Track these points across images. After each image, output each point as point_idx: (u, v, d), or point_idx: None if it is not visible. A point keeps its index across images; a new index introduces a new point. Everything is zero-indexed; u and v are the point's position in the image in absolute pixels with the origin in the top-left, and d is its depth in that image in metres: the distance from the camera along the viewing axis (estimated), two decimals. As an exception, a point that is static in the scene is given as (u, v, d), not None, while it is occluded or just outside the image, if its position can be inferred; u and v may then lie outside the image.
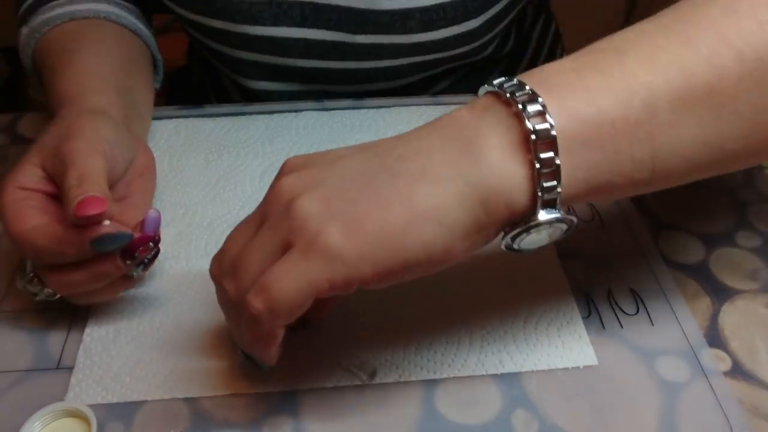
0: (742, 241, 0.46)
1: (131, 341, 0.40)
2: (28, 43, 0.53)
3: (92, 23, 0.53)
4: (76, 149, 0.39)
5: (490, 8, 0.56)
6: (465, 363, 0.39)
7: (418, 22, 0.54)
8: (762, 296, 0.43)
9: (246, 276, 0.31)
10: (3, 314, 0.42)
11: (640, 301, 0.42)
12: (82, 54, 0.49)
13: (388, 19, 0.54)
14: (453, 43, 0.57)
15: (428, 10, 0.53)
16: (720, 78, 0.30)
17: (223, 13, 0.55)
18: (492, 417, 0.36)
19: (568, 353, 0.39)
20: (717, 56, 0.30)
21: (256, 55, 0.59)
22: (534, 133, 0.29)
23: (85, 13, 0.53)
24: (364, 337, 0.40)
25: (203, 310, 0.42)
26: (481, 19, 0.56)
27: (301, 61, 0.59)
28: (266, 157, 0.53)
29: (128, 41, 0.54)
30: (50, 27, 0.52)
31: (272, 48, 0.58)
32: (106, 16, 0.53)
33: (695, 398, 0.37)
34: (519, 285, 0.43)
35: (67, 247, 0.37)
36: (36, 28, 0.52)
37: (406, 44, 0.56)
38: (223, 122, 0.56)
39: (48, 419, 0.35)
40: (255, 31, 0.56)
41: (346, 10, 0.54)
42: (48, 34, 0.52)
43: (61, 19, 0.52)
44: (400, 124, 0.56)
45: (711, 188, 0.49)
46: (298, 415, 0.36)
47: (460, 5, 0.54)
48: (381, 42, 0.56)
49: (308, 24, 0.55)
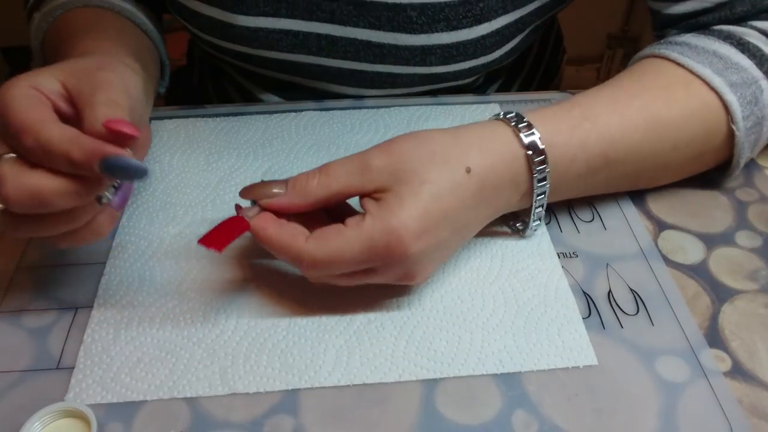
0: (742, 241, 0.46)
1: (131, 341, 0.40)
2: (39, 26, 0.53)
3: (109, 13, 0.53)
4: (108, 80, 0.37)
5: (508, 42, 0.57)
6: (465, 363, 0.39)
7: (438, 57, 0.55)
8: (762, 296, 0.43)
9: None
10: (3, 314, 0.42)
11: (640, 301, 0.42)
12: (106, 33, 0.49)
13: (409, 54, 0.55)
14: (469, 72, 0.58)
15: (449, 47, 0.54)
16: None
17: (240, 39, 0.55)
18: (492, 417, 0.36)
19: (568, 353, 0.39)
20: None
21: (271, 72, 0.60)
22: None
23: (100, 2, 0.53)
24: (364, 336, 0.40)
25: (203, 310, 0.42)
26: (499, 53, 0.58)
27: (314, 82, 0.61)
28: (267, 157, 0.53)
29: (139, 37, 0.54)
30: (65, 10, 0.52)
31: (288, 68, 0.59)
32: (120, 11, 0.54)
33: (695, 398, 0.37)
34: (519, 285, 0.43)
35: (75, 150, 0.33)
36: (49, 12, 0.53)
37: (424, 74, 0.57)
38: (223, 122, 0.56)
39: (48, 419, 0.35)
40: (271, 55, 0.57)
41: (365, 43, 0.55)
42: (65, 15, 0.52)
43: (76, 4, 0.53)
44: (400, 124, 0.56)
45: (711, 188, 0.49)
46: (298, 415, 0.36)
47: (479, 42, 0.55)
48: (399, 72, 0.57)
49: (324, 54, 0.56)
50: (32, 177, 0.34)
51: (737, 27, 0.48)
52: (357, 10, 0.53)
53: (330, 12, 0.53)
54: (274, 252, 0.38)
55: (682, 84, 0.45)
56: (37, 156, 0.34)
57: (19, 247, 0.46)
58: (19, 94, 0.36)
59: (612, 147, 0.43)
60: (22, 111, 0.35)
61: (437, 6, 0.51)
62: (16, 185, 0.34)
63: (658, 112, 0.44)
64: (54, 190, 0.34)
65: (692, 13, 0.50)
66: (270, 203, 0.39)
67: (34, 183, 0.34)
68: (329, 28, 0.54)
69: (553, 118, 0.43)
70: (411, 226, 0.36)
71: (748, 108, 0.45)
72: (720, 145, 0.46)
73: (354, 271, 0.38)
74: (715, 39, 0.47)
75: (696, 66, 0.45)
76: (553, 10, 0.59)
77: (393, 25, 0.53)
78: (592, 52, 1.83)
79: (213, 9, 0.54)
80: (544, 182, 0.41)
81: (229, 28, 0.54)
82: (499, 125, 0.42)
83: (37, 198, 0.34)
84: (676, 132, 0.45)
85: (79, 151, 0.33)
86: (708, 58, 0.46)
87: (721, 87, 0.45)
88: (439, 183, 0.38)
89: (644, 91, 0.45)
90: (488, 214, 0.42)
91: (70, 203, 0.35)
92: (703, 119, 0.45)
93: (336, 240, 0.36)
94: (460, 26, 0.53)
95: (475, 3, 0.52)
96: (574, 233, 0.47)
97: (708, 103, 0.45)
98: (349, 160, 0.39)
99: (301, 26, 0.54)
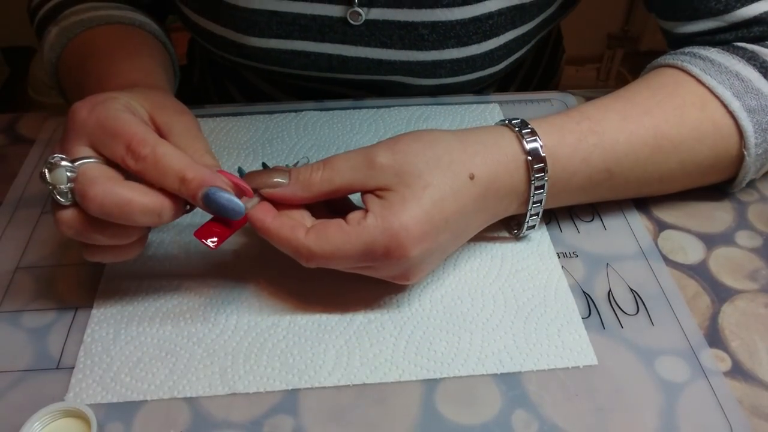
0: (742, 241, 0.46)
1: (131, 341, 0.40)
2: (58, 40, 0.52)
3: (132, 30, 0.54)
4: (195, 125, 0.39)
5: (514, 54, 0.58)
6: (465, 363, 0.39)
7: (447, 70, 0.56)
8: (762, 296, 0.43)
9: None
10: (3, 314, 0.42)
11: (640, 301, 0.42)
12: (133, 51, 0.49)
13: (419, 68, 0.56)
14: (476, 82, 0.59)
15: (458, 61, 0.55)
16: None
17: (252, 57, 0.56)
18: (492, 417, 0.36)
19: (568, 353, 0.39)
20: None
21: (286, 70, 0.60)
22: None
23: (122, 18, 0.53)
24: (364, 336, 0.40)
25: (203, 310, 0.42)
26: (505, 64, 0.58)
27: (324, 87, 0.62)
28: (267, 157, 0.53)
29: (161, 51, 0.55)
30: (86, 28, 0.52)
31: (299, 79, 0.60)
32: (141, 25, 0.54)
33: (695, 398, 0.37)
34: (519, 285, 0.43)
35: (190, 171, 0.35)
36: (69, 27, 0.52)
37: (432, 85, 0.58)
38: (223, 122, 0.56)
39: (48, 419, 0.35)
40: (283, 71, 0.58)
41: (376, 62, 0.55)
42: (85, 32, 0.52)
43: (98, 21, 0.52)
44: (400, 124, 0.56)
45: (711, 188, 0.49)
46: (298, 415, 0.36)
47: (488, 56, 0.55)
48: (408, 83, 0.58)
49: (335, 71, 0.57)
50: (125, 188, 0.34)
51: (762, 48, 0.46)
52: (369, 30, 0.53)
53: (342, 33, 0.54)
54: (273, 243, 0.38)
55: (698, 104, 0.44)
56: (144, 168, 0.35)
57: (19, 247, 0.46)
58: (122, 107, 0.36)
59: (617, 163, 0.43)
60: (134, 123, 0.35)
61: (448, 24, 0.52)
62: (107, 191, 0.34)
63: (669, 131, 0.44)
64: (143, 206, 0.34)
65: (706, 31, 0.49)
66: (272, 193, 0.38)
67: (126, 194, 0.34)
68: (341, 49, 0.55)
69: (561, 130, 0.42)
70: (412, 229, 0.36)
71: (761, 135, 0.44)
72: (727, 166, 0.46)
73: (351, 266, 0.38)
74: (740, 59, 0.46)
75: (717, 86, 0.44)
76: (556, 20, 0.60)
77: (404, 44, 0.54)
78: (592, 52, 1.83)
79: (226, 30, 0.55)
80: (541, 190, 0.41)
81: (242, 47, 0.55)
82: (505, 132, 0.42)
83: (125, 209, 0.34)
84: (684, 153, 0.44)
85: (193, 173, 0.34)
86: (729, 79, 0.45)
87: (739, 112, 0.44)
88: (442, 188, 0.38)
89: (657, 108, 0.44)
90: (487, 219, 0.42)
91: (151, 221, 0.35)
92: (713, 143, 0.44)
93: (336, 236, 0.36)
94: (469, 42, 0.54)
95: (484, 20, 0.52)
96: (574, 233, 0.47)
97: (721, 127, 0.44)
98: (353, 155, 0.39)
99: (313, 47, 0.55)
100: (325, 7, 0.52)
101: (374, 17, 0.53)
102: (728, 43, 0.48)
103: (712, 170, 0.46)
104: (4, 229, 0.47)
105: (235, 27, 0.54)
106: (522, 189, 0.41)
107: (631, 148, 0.43)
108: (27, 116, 0.59)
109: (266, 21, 0.53)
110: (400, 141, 0.39)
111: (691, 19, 0.49)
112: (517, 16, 0.54)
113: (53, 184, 0.35)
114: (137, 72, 0.47)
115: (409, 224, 0.36)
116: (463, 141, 0.40)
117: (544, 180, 0.41)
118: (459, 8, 0.51)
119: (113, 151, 0.35)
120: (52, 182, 0.35)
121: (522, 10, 0.54)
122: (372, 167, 0.38)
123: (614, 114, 0.44)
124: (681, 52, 0.48)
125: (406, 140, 0.39)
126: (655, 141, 0.43)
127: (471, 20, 0.52)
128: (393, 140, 0.39)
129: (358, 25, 0.53)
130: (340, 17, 0.53)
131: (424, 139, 0.39)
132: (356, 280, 0.42)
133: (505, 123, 0.43)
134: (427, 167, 0.38)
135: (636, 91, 0.46)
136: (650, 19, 0.52)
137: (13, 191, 0.51)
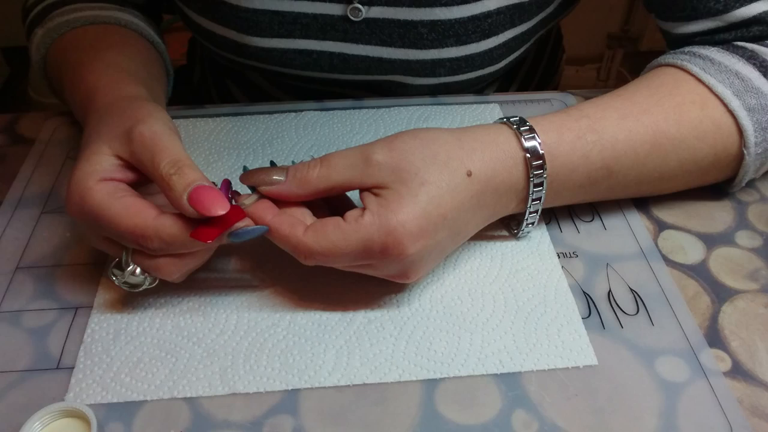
0: (742, 241, 0.46)
1: (131, 341, 0.40)
2: (43, 41, 0.53)
3: (115, 28, 0.53)
4: (155, 132, 0.38)
5: (513, 53, 0.58)
6: (465, 363, 0.39)
7: (447, 69, 0.56)
8: (762, 296, 0.43)
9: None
10: (3, 314, 0.42)
11: (640, 301, 0.42)
12: (110, 52, 0.49)
13: (419, 67, 0.56)
14: (476, 81, 0.59)
15: (458, 60, 0.55)
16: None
17: (254, 57, 0.56)
18: (492, 417, 0.36)
19: (568, 353, 0.39)
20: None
21: (287, 70, 0.60)
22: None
23: (106, 18, 0.53)
24: (364, 336, 0.40)
25: (203, 310, 0.42)
26: (504, 62, 0.58)
27: (326, 87, 0.62)
28: (267, 157, 0.53)
29: (148, 49, 0.55)
30: (70, 28, 0.52)
31: (301, 79, 0.60)
32: (126, 24, 0.54)
33: (695, 398, 0.37)
34: (519, 285, 0.43)
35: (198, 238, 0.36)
36: (54, 28, 0.52)
37: (432, 84, 0.58)
38: (223, 122, 0.56)
39: (48, 419, 0.35)
40: (284, 71, 0.58)
41: (377, 60, 0.56)
42: (69, 33, 0.52)
43: (82, 22, 0.52)
44: (400, 124, 0.56)
45: (711, 188, 0.49)
46: (298, 415, 0.36)
47: (487, 54, 0.55)
48: (408, 83, 0.58)
49: (336, 71, 0.57)
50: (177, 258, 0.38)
51: (761, 47, 0.46)
52: (369, 28, 0.53)
53: (343, 31, 0.54)
54: (272, 240, 0.38)
55: (698, 103, 0.44)
56: (162, 251, 0.37)
57: (19, 247, 0.46)
58: (102, 196, 0.37)
59: (616, 161, 0.43)
60: (126, 216, 0.36)
61: (447, 23, 0.52)
62: (175, 269, 0.38)
63: (668, 130, 0.44)
64: (191, 267, 0.39)
65: (705, 31, 0.49)
66: (269, 191, 0.39)
67: (180, 263, 0.38)
68: (342, 47, 0.55)
69: (560, 127, 0.42)
70: (409, 227, 0.36)
71: (761, 134, 0.44)
72: (726, 165, 0.46)
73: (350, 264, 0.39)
74: (739, 58, 0.46)
75: (716, 85, 0.44)
76: (556, 19, 0.60)
77: (404, 42, 0.54)
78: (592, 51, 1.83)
79: (228, 30, 0.55)
80: (540, 188, 0.41)
81: (244, 47, 0.55)
82: (503, 129, 0.42)
83: (186, 268, 0.39)
84: (684, 151, 0.44)
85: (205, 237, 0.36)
86: (729, 78, 0.45)
87: (739, 110, 0.44)
88: (439, 185, 0.38)
89: (656, 107, 0.44)
90: (486, 217, 0.42)
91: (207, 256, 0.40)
92: (713, 142, 0.44)
93: (334, 234, 0.36)
94: (469, 41, 0.54)
95: (483, 19, 0.52)
96: (574, 233, 0.47)
97: (721, 126, 0.44)
98: (350, 153, 0.39)
99: (315, 45, 0.55)
100: (326, 6, 0.53)
101: (374, 15, 0.53)
102: (728, 42, 0.48)
103: (712, 169, 0.46)
104: (4, 229, 0.47)
105: (236, 27, 0.54)
106: (521, 186, 0.41)
107: (630, 146, 0.43)
108: (27, 116, 0.59)
109: (268, 21, 0.53)
110: (397, 139, 0.39)
111: (690, 19, 0.49)
112: (516, 14, 0.54)
113: (137, 283, 0.39)
114: (106, 77, 0.45)
115: (406, 221, 0.36)
116: (460, 138, 0.40)
117: (543, 177, 0.41)
118: (458, 7, 0.51)
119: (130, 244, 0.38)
120: (137, 284, 0.39)
121: (521, 9, 0.54)
122: (369, 165, 0.38)
123: (613, 112, 0.44)
124: (681, 52, 0.49)
125: (403, 138, 0.39)
126: (654, 139, 0.43)
127: (470, 19, 0.52)
128: (390, 138, 0.39)
129: (359, 23, 0.53)
130: (341, 15, 0.53)
131: (421, 137, 0.39)
132: (356, 280, 0.42)
133: (503, 121, 0.43)
134: (424, 164, 0.38)
135: (635, 90, 0.46)
136: (650, 19, 0.53)
137: (13, 191, 0.51)
